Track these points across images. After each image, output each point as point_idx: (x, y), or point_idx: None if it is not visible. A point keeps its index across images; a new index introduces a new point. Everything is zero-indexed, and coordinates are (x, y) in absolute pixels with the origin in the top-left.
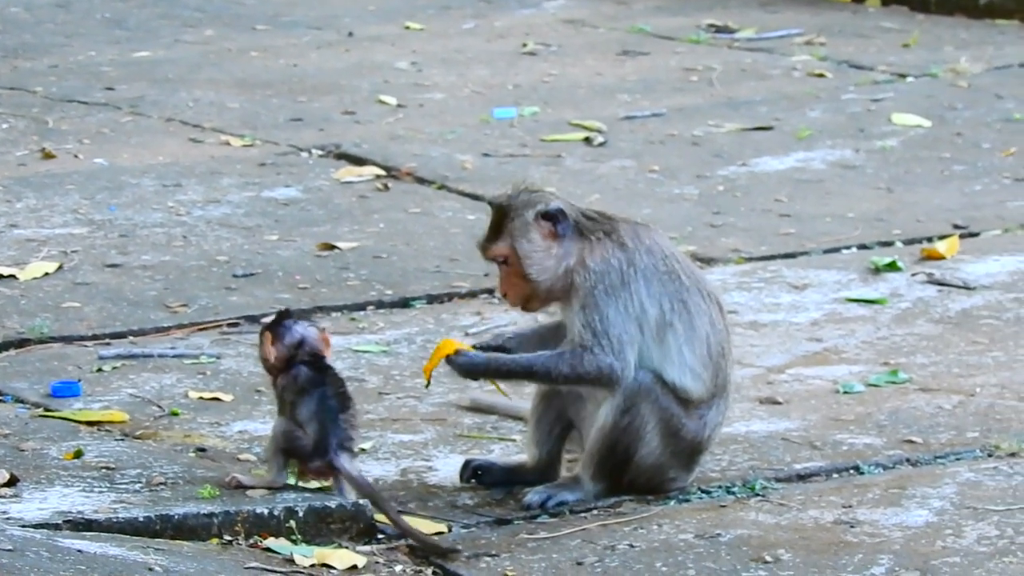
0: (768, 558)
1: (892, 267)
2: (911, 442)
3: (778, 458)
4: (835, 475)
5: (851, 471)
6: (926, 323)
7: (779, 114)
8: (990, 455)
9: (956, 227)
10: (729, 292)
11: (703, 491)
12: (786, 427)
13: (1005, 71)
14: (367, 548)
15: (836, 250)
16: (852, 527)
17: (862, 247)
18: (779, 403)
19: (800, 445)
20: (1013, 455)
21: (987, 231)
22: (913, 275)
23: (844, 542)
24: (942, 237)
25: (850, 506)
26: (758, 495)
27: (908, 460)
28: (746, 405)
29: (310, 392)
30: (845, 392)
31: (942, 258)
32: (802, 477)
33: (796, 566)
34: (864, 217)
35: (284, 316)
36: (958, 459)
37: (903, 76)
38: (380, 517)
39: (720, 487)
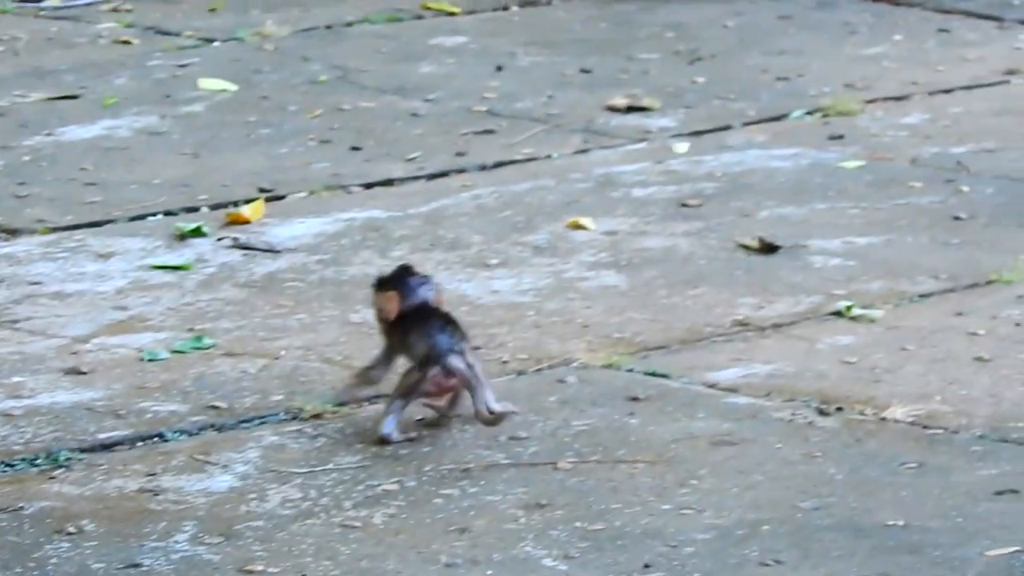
0: (72, 529)
1: (197, 233)
2: (216, 407)
3: (83, 428)
4: (139, 443)
5: (156, 439)
6: (231, 287)
7: (85, 82)
8: (294, 417)
9: (262, 190)
10: (34, 263)
11: (7, 464)
12: (91, 397)
13: (311, 33)
14: None
15: (142, 217)
16: (156, 495)
17: (168, 213)
18: (84, 373)
19: (104, 414)
20: (317, 416)
21: (293, 193)
22: (219, 240)
23: (148, 510)
24: (248, 201)
25: (154, 474)
26: (62, 466)
27: (213, 426)
28: (51, 376)
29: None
30: (150, 360)
31: (247, 222)
32: (106, 446)
33: (100, 536)
34: (170, 183)
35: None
36: (263, 423)
37: (209, 41)
38: None
39: (24, 460)
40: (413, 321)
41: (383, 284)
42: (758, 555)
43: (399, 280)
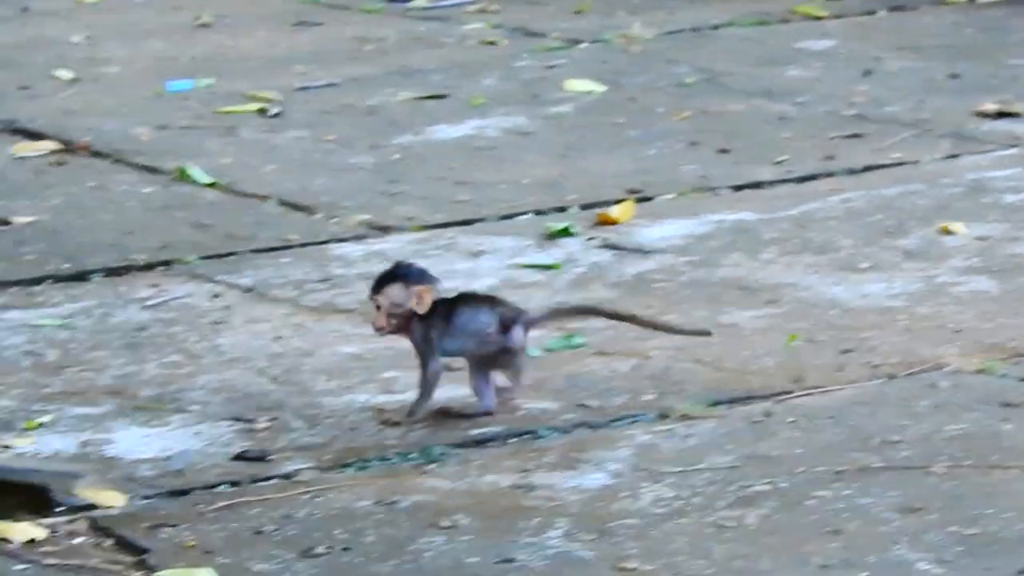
0: (446, 523)
1: (566, 232)
2: (587, 406)
3: (454, 424)
4: (512, 440)
5: (528, 435)
6: (601, 287)
7: (453, 82)
8: (665, 417)
9: (630, 192)
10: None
11: (381, 459)
12: (461, 393)
13: (677, 36)
14: (47, 521)
15: (511, 216)
16: (529, 491)
17: (537, 213)
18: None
19: None
20: (687, 417)
21: (661, 195)
22: (588, 240)
23: (521, 506)
24: (617, 202)
25: (527, 470)
26: (435, 461)
27: (585, 424)
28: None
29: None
30: None
31: (616, 223)
32: (479, 443)
33: (474, 530)
34: (539, 183)
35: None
36: (634, 422)
37: (576, 42)
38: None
39: (398, 454)
40: (452, 306)
41: (403, 279)
42: None
43: (421, 273)
